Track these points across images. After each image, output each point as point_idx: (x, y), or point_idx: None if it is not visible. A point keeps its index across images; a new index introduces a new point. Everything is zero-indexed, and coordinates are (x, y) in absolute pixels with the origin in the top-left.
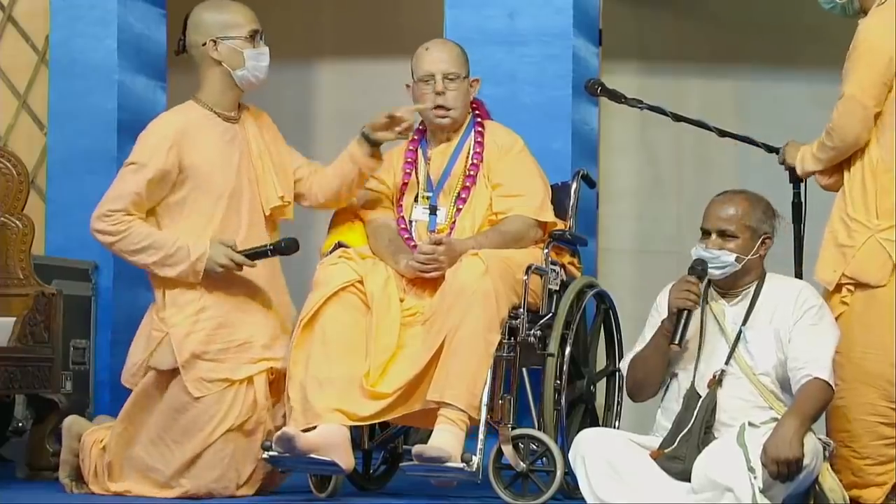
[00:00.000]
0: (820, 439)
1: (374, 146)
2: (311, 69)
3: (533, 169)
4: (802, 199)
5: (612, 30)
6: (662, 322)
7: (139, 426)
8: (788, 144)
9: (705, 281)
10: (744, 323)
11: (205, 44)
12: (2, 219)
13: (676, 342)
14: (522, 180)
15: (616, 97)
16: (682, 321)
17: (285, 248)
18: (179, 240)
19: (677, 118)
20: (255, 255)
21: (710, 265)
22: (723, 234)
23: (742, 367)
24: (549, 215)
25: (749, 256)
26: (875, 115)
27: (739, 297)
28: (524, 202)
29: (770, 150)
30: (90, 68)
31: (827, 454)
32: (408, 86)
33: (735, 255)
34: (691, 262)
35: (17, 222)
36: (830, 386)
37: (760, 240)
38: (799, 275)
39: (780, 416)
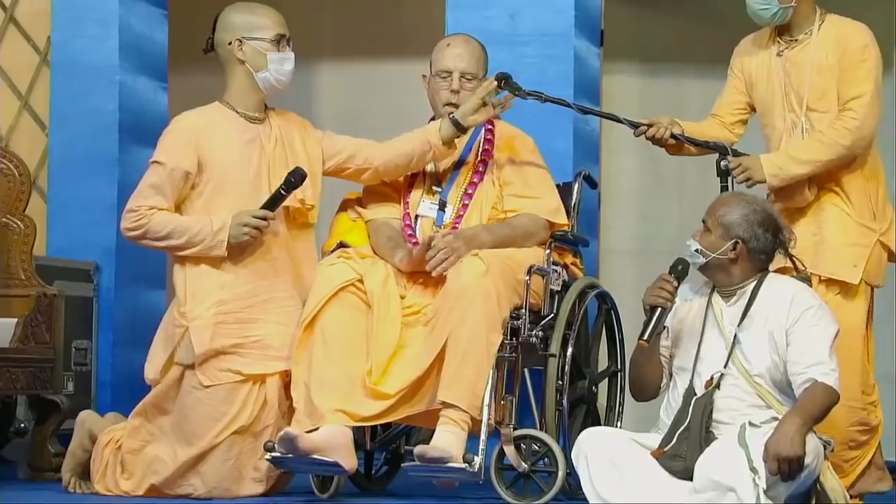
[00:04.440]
0: (821, 439)
1: (461, 132)
2: (311, 70)
3: (546, 171)
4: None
5: (614, 31)
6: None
7: (155, 424)
8: (745, 159)
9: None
10: (739, 324)
11: (230, 43)
12: (3, 219)
13: (645, 339)
14: (537, 182)
15: (516, 90)
16: (654, 318)
17: (294, 180)
18: (202, 218)
19: (584, 111)
20: (271, 203)
21: (686, 253)
22: (704, 225)
23: (738, 369)
24: (563, 218)
25: (714, 254)
26: None
27: (736, 298)
28: (540, 204)
29: (634, 125)
30: (91, 69)
31: (827, 453)
32: (424, 76)
33: (696, 246)
34: (674, 261)
35: (19, 223)
36: (835, 390)
37: (731, 242)
38: None
39: (780, 416)
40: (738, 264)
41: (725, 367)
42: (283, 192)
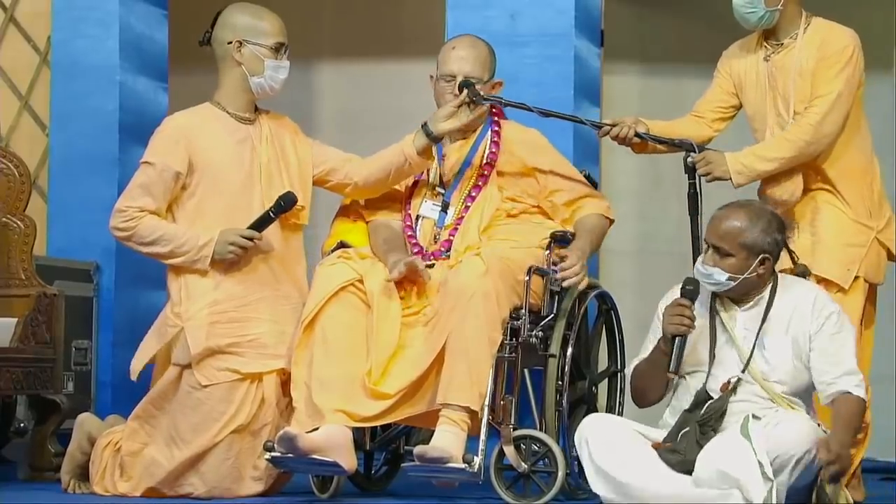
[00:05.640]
0: (826, 432)
1: (433, 141)
2: (311, 69)
3: (567, 160)
4: (698, 190)
5: (614, 31)
6: (659, 341)
7: (153, 425)
8: (709, 154)
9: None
10: (760, 328)
11: (230, 42)
12: (3, 219)
13: (673, 370)
14: (576, 177)
15: (475, 97)
16: (678, 347)
17: (285, 204)
18: (190, 230)
19: (544, 114)
20: (259, 224)
21: (705, 280)
22: (718, 251)
23: (754, 374)
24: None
25: (744, 276)
26: None
27: (752, 304)
28: (596, 203)
29: (598, 126)
30: (92, 69)
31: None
32: (431, 77)
33: (728, 275)
34: (682, 282)
35: (19, 223)
36: (864, 401)
37: (758, 259)
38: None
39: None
40: (763, 275)
41: (744, 371)
42: (271, 214)
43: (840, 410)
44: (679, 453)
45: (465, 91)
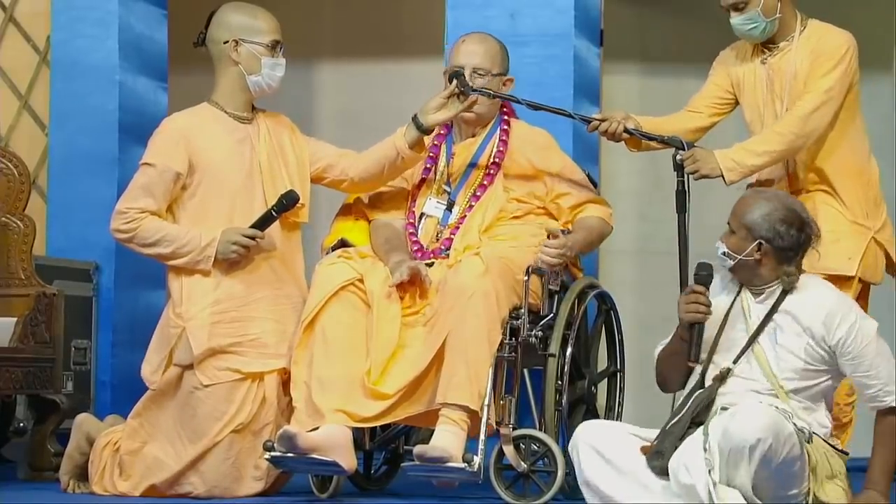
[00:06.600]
0: (835, 448)
1: (423, 133)
2: (311, 69)
3: (574, 164)
4: (685, 188)
5: (614, 30)
6: (677, 328)
7: (153, 424)
8: (697, 151)
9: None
10: (764, 322)
11: (226, 42)
12: (3, 219)
13: (693, 358)
14: (582, 182)
15: (464, 87)
16: (696, 335)
17: (287, 203)
18: (192, 230)
19: (534, 107)
20: (262, 222)
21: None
22: (728, 226)
23: (761, 362)
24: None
25: (740, 257)
26: None
27: (764, 295)
28: (600, 209)
29: (587, 121)
30: (91, 69)
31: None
32: (445, 73)
33: (724, 249)
34: (696, 267)
35: (19, 222)
36: None
37: (755, 243)
38: (685, 263)
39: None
40: (764, 264)
41: (735, 362)
42: (274, 213)
43: (882, 429)
44: (662, 455)
45: (455, 81)
